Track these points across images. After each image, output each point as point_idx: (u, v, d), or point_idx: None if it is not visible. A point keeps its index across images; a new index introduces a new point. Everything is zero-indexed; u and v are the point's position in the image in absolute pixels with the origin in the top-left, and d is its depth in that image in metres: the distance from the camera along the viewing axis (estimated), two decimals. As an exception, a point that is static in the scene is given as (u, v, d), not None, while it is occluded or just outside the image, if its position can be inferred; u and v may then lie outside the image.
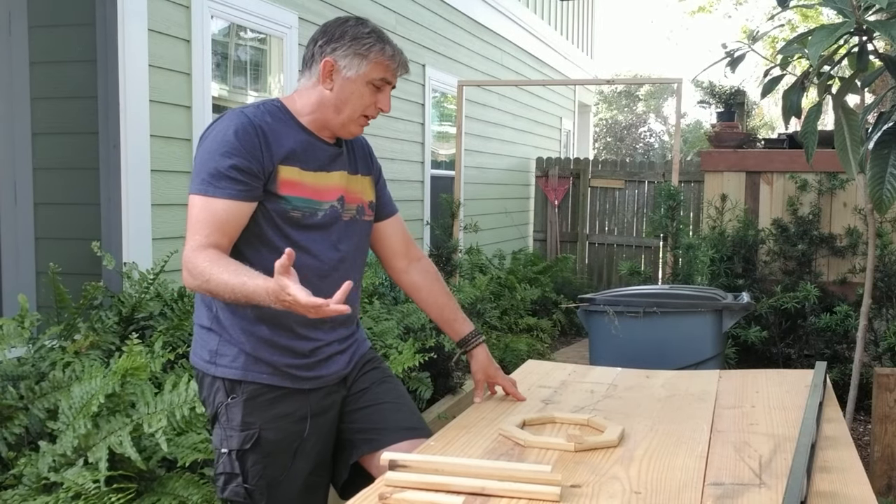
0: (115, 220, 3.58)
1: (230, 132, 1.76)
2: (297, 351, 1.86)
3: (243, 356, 1.84)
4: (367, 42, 1.83)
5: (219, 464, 1.85)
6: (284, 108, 1.87)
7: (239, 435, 1.82)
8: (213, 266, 1.66)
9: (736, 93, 6.59)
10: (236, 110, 1.83)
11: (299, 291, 1.50)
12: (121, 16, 3.50)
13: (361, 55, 1.82)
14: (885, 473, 3.38)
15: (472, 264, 6.79)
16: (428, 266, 2.16)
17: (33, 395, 2.58)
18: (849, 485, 1.53)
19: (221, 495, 1.85)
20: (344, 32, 1.84)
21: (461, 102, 6.84)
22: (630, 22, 57.57)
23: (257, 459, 1.82)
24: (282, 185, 1.80)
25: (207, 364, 1.87)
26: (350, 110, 1.85)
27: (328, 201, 1.87)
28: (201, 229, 1.73)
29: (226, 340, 1.85)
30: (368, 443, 1.91)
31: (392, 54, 1.85)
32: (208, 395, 1.88)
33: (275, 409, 1.84)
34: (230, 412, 1.84)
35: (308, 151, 1.86)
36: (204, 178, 1.75)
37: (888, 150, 2.63)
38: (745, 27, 15.92)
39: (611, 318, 4.31)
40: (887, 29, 2.36)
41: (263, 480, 1.82)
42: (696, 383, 2.31)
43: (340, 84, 1.83)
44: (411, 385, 3.90)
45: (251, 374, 1.84)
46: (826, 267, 5.67)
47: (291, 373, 1.86)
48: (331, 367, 1.92)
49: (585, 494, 1.47)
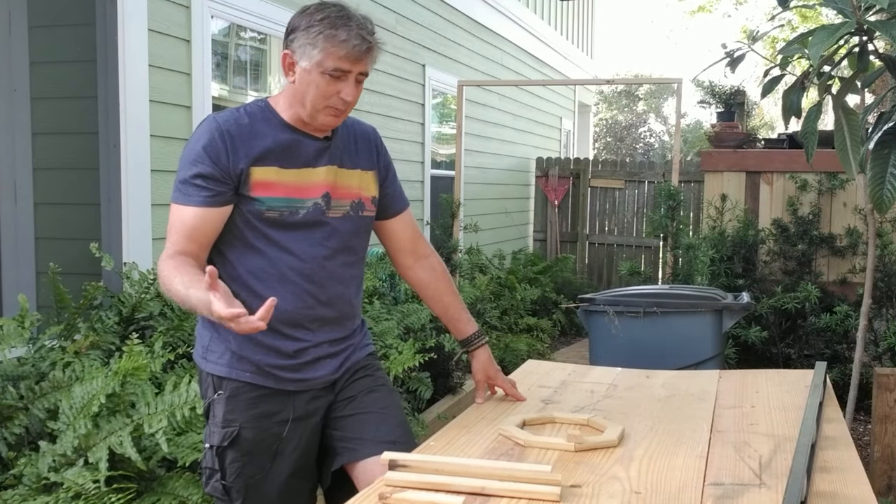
0: (115, 220, 3.58)
1: (196, 140, 1.79)
2: (282, 351, 1.84)
3: (229, 353, 1.84)
4: (317, 28, 1.73)
5: (204, 458, 1.87)
6: (269, 107, 1.85)
7: (220, 431, 1.82)
8: (172, 275, 1.68)
9: (736, 93, 6.59)
10: (209, 116, 1.84)
11: (220, 307, 1.49)
12: (121, 16, 3.50)
13: (311, 44, 1.74)
14: (885, 473, 3.38)
15: (472, 264, 6.79)
16: (436, 263, 2.13)
17: (33, 395, 2.58)
18: (849, 485, 1.53)
19: (205, 489, 1.87)
20: (300, 21, 1.78)
21: (461, 102, 6.84)
22: (630, 22, 57.59)
23: (236, 457, 1.82)
24: (254, 186, 1.78)
25: (201, 359, 1.89)
26: (311, 102, 1.78)
27: (311, 199, 1.84)
28: (172, 237, 1.76)
29: (216, 337, 1.86)
30: (349, 452, 1.88)
31: (344, 39, 1.72)
32: (203, 390, 1.91)
33: (256, 408, 1.83)
34: (215, 408, 1.85)
35: (290, 149, 1.82)
36: (176, 186, 1.78)
37: (888, 150, 2.63)
38: (744, 27, 15.93)
39: (611, 318, 4.31)
40: (888, 29, 2.37)
41: (241, 479, 1.82)
42: (696, 383, 2.30)
43: (299, 76, 1.78)
44: (411, 385, 3.90)
45: (235, 371, 1.84)
46: (826, 267, 5.67)
47: (275, 373, 1.84)
48: (318, 370, 1.89)
49: (585, 494, 1.47)
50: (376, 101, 5.96)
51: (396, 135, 6.35)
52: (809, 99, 4.97)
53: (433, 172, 7.17)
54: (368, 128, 2.03)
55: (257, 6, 4.50)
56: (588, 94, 13.38)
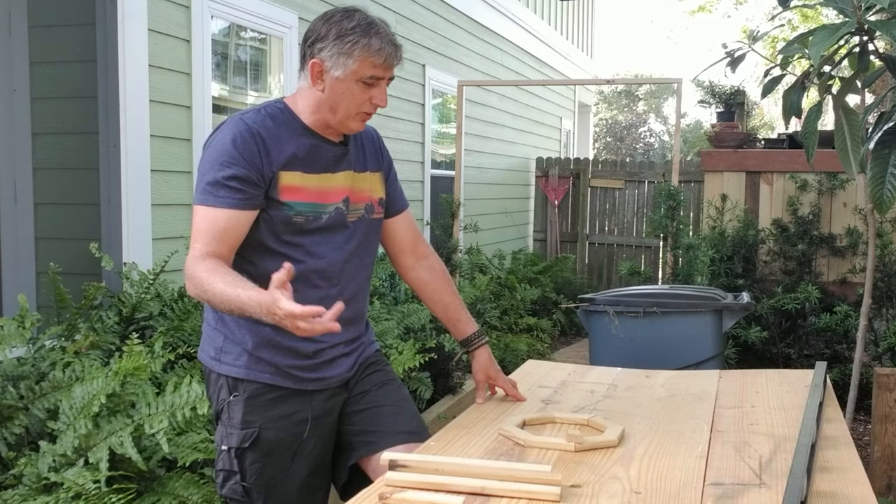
0: (114, 220, 3.58)
1: (228, 141, 1.75)
2: (301, 352, 1.85)
3: (246, 355, 1.84)
4: (351, 39, 1.75)
5: (219, 460, 1.86)
6: (288, 110, 1.85)
7: (239, 433, 1.82)
8: (210, 276, 1.66)
9: (736, 93, 6.59)
10: (236, 117, 1.82)
11: (292, 304, 1.48)
12: (121, 16, 3.50)
13: (346, 54, 1.75)
14: (885, 473, 3.38)
15: (472, 264, 6.79)
16: (435, 263, 2.14)
17: (33, 396, 2.58)
18: (849, 485, 1.53)
19: (220, 492, 1.86)
20: (329, 30, 1.78)
21: (461, 102, 6.84)
22: (630, 22, 57.58)
23: (256, 458, 1.82)
24: (283, 191, 1.79)
25: (213, 361, 1.88)
26: (344, 110, 1.81)
27: (333, 203, 1.85)
28: (201, 238, 1.72)
29: (230, 339, 1.85)
30: (366, 445, 1.90)
31: (379, 48, 1.77)
32: (213, 392, 1.89)
33: (276, 409, 1.84)
34: (231, 410, 1.84)
35: (312, 154, 1.83)
36: (204, 187, 1.75)
37: (888, 149, 2.63)
38: (745, 27, 15.93)
39: (611, 318, 4.30)
40: (888, 29, 2.37)
41: (261, 480, 1.82)
42: (696, 383, 2.30)
43: (330, 84, 1.79)
44: (411, 385, 3.90)
45: (253, 373, 1.84)
46: (826, 267, 5.67)
47: (294, 374, 1.85)
48: (335, 369, 1.91)
49: (585, 494, 1.47)
50: (376, 100, 5.94)
51: (396, 135, 6.34)
52: (810, 99, 4.97)
53: (433, 172, 7.17)
54: (370, 129, 2.04)
55: (257, 6, 4.50)
56: (588, 94, 13.38)
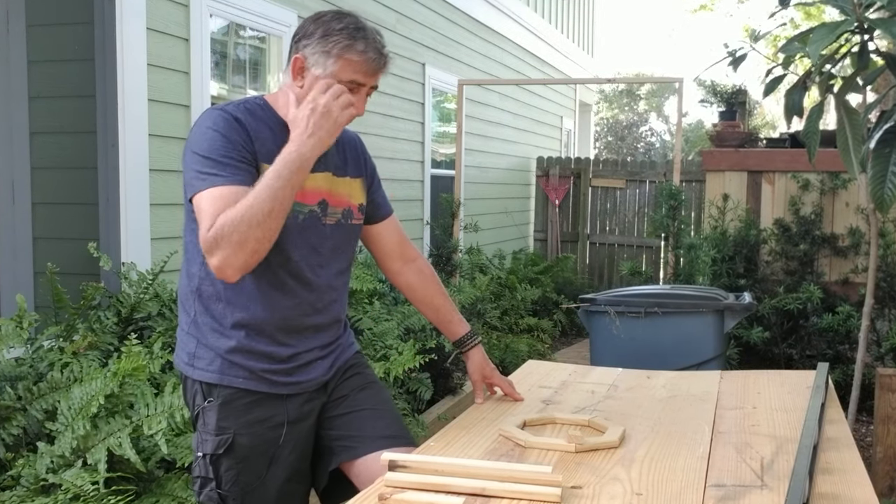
0: (113, 219, 3.57)
1: (211, 128, 1.70)
2: (275, 356, 1.81)
3: (219, 360, 1.79)
4: (335, 39, 1.71)
5: (195, 467, 1.82)
6: (267, 106, 1.81)
7: (213, 439, 1.78)
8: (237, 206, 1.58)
9: (738, 92, 6.57)
10: (214, 108, 1.77)
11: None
12: (119, 14, 3.49)
13: (328, 52, 1.71)
14: (887, 475, 3.37)
15: (472, 264, 6.77)
16: (423, 266, 2.12)
17: (31, 396, 2.57)
18: (851, 486, 1.52)
19: (198, 499, 1.82)
20: (316, 29, 1.74)
21: (461, 101, 6.83)
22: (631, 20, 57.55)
23: (231, 465, 1.78)
24: None
25: (187, 366, 1.83)
26: None
27: (309, 205, 1.81)
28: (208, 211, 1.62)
29: (203, 344, 1.81)
30: (347, 450, 1.86)
31: (362, 52, 1.71)
32: (189, 398, 1.85)
33: (250, 413, 1.79)
34: (206, 416, 1.80)
35: None
36: (195, 174, 1.67)
37: (890, 148, 2.62)
38: (746, 26, 15.90)
39: (612, 319, 4.29)
40: (888, 27, 2.35)
41: (237, 486, 1.78)
42: (697, 384, 2.29)
43: (310, 82, 1.73)
44: (411, 386, 3.89)
45: (227, 377, 1.79)
46: (828, 267, 5.66)
47: (268, 378, 1.81)
48: (310, 373, 1.86)
49: (586, 495, 1.46)
50: (376, 99, 5.94)
51: (396, 134, 6.34)
52: (811, 98, 4.96)
53: (433, 172, 7.16)
54: (353, 135, 2.00)
55: (256, 5, 4.49)
56: (589, 93, 13.38)
